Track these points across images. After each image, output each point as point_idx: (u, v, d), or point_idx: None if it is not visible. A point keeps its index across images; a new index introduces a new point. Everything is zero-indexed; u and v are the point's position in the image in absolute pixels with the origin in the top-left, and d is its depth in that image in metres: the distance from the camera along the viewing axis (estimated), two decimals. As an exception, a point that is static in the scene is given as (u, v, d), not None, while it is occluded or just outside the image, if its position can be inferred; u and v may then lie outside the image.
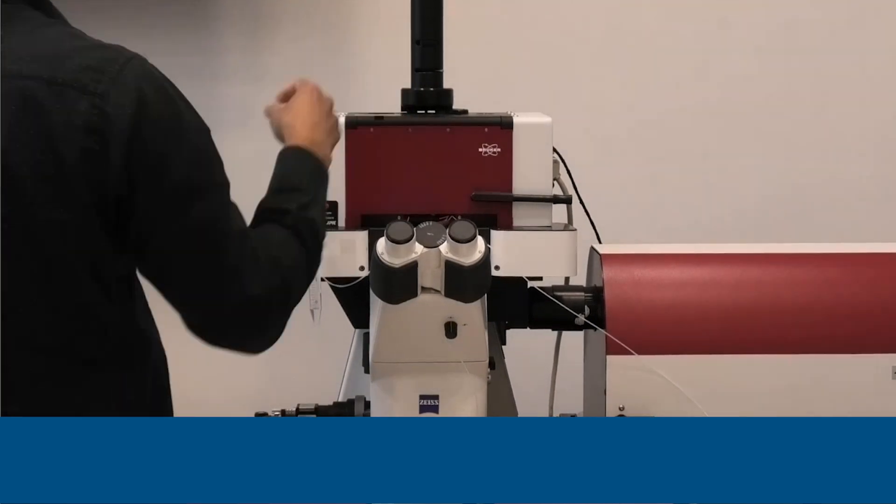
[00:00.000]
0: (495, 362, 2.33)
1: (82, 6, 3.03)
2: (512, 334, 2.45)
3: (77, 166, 1.74)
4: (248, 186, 3.27)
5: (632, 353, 2.24)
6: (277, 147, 2.13)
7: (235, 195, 3.25)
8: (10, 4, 1.83)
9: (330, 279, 2.26)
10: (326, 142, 2.13)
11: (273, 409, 2.40)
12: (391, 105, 2.38)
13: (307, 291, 2.19)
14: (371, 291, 2.17)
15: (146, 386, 1.87)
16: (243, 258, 1.86)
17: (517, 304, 2.35)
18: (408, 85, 2.35)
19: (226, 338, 1.91)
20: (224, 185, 1.89)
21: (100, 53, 1.80)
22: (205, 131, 1.87)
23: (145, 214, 1.78)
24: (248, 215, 3.28)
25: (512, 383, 2.47)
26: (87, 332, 1.80)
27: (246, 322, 1.88)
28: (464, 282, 2.11)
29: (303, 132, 2.11)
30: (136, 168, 1.76)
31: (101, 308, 1.80)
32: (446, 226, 2.11)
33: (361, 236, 2.26)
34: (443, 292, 2.12)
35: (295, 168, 2.06)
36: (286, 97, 2.19)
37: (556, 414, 2.49)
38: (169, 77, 1.84)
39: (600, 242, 2.49)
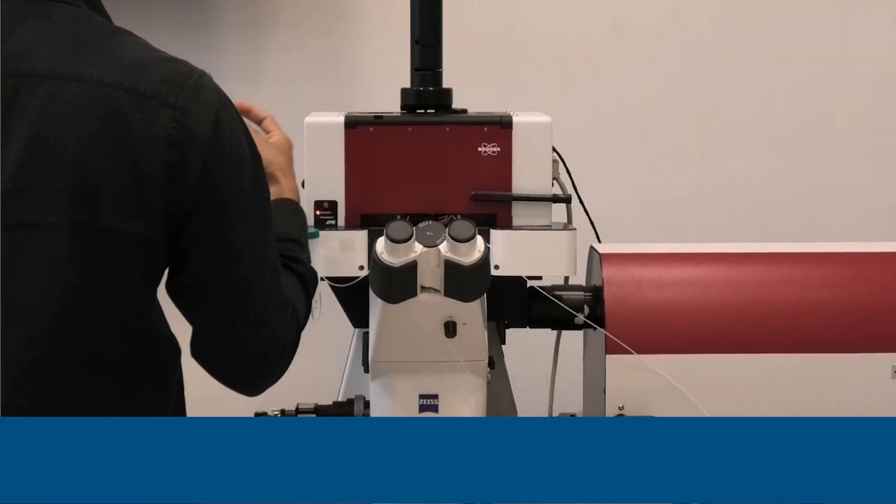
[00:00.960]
0: (495, 362, 2.33)
1: (81, 5, 3.04)
2: (511, 334, 2.45)
3: (157, 179, 1.73)
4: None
5: (631, 353, 2.24)
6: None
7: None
8: (77, 7, 1.81)
9: (329, 279, 2.26)
10: None
11: (273, 408, 2.40)
12: (390, 104, 2.38)
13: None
14: (370, 291, 2.17)
15: (172, 394, 1.88)
16: (273, 298, 1.87)
17: (516, 304, 2.35)
18: (407, 84, 2.35)
19: (232, 376, 1.92)
20: (270, 216, 1.89)
21: (173, 66, 1.80)
22: (259, 159, 1.87)
23: (195, 233, 1.78)
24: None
25: (511, 383, 2.47)
26: (142, 343, 1.79)
27: (259, 365, 1.90)
28: (463, 281, 2.11)
29: (294, 184, 2.18)
30: (203, 185, 1.76)
31: (152, 318, 1.80)
32: (446, 225, 2.11)
33: (361, 236, 2.26)
34: (442, 292, 2.12)
35: (296, 223, 2.11)
36: (247, 114, 2.21)
37: (555, 413, 2.49)
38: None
39: (600, 242, 2.49)
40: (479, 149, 2.28)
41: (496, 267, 2.24)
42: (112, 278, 1.74)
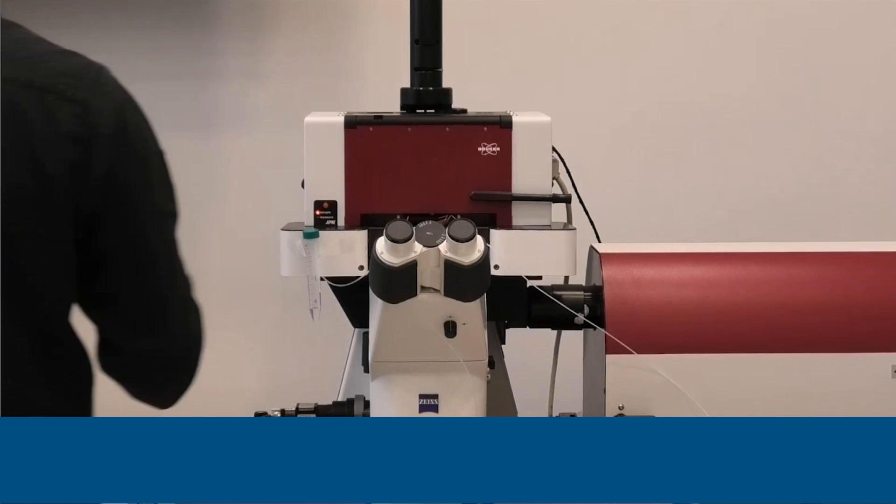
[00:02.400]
0: (495, 362, 2.33)
1: (82, 6, 3.04)
2: (511, 333, 2.45)
3: (58, 177, 1.66)
4: (246, 186, 3.28)
5: (631, 353, 2.24)
6: (276, 148, 2.13)
7: (234, 194, 3.26)
8: None
9: (329, 279, 2.26)
10: None
11: (273, 408, 2.40)
12: (390, 104, 2.38)
13: (307, 290, 2.21)
14: (370, 291, 2.17)
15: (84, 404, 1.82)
16: (186, 295, 1.82)
17: (516, 304, 2.35)
18: (407, 84, 2.35)
19: (146, 388, 1.86)
20: (176, 216, 1.82)
21: (70, 59, 1.72)
22: (161, 155, 1.79)
23: (106, 235, 1.71)
24: (248, 212, 3.29)
25: (511, 383, 2.47)
26: (52, 354, 1.73)
27: (177, 375, 1.84)
28: (463, 281, 2.11)
29: None
30: (110, 184, 1.69)
31: (64, 327, 1.75)
32: (445, 225, 2.11)
33: (361, 236, 2.26)
34: (442, 291, 2.12)
35: None
36: None
37: (555, 413, 2.49)
38: (169, 77, 1.81)
39: (599, 241, 2.49)
40: (479, 149, 2.28)
41: (496, 267, 2.24)
42: (22, 285, 1.67)
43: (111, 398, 1.88)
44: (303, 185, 2.28)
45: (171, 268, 1.80)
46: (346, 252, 2.25)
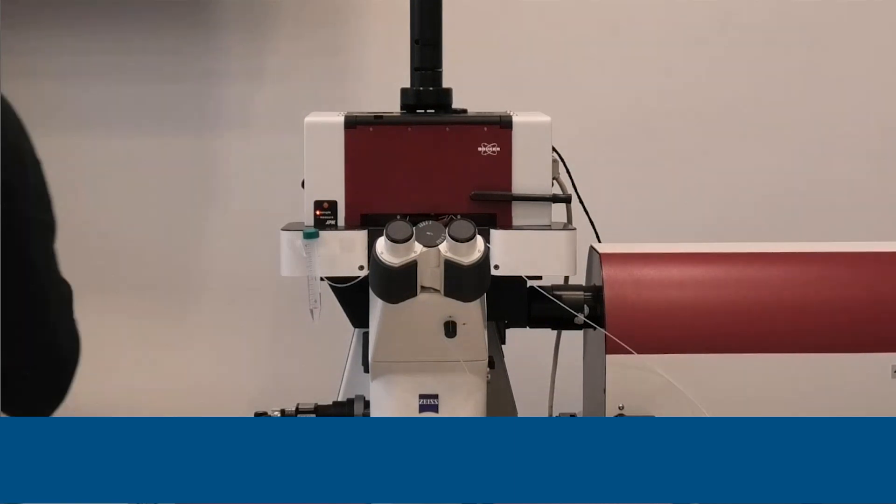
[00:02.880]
0: (495, 362, 2.33)
1: (81, 6, 3.04)
2: (511, 334, 2.45)
3: None
4: (247, 187, 3.28)
5: (631, 353, 2.24)
6: (276, 148, 2.13)
7: (235, 195, 3.26)
8: None
9: (329, 279, 2.26)
10: None
11: (273, 408, 2.40)
12: (390, 104, 2.38)
13: (308, 290, 2.21)
14: (370, 291, 2.17)
15: None
16: (66, 307, 1.79)
17: (516, 304, 2.35)
18: (407, 84, 2.36)
19: (20, 401, 1.81)
20: (55, 226, 1.79)
21: None
22: (41, 164, 1.76)
23: None
24: (251, 213, 3.29)
25: (512, 383, 2.47)
26: None
27: (49, 379, 1.81)
28: (463, 281, 2.11)
29: None
30: None
31: None
32: (445, 225, 2.11)
33: (361, 236, 2.26)
34: (442, 291, 2.12)
35: None
36: None
37: (555, 413, 2.49)
38: (169, 77, 1.79)
39: (600, 241, 2.49)
40: (479, 149, 2.28)
41: (496, 267, 2.24)
42: None
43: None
44: (303, 185, 2.28)
45: (51, 279, 1.77)
46: (346, 252, 2.25)
